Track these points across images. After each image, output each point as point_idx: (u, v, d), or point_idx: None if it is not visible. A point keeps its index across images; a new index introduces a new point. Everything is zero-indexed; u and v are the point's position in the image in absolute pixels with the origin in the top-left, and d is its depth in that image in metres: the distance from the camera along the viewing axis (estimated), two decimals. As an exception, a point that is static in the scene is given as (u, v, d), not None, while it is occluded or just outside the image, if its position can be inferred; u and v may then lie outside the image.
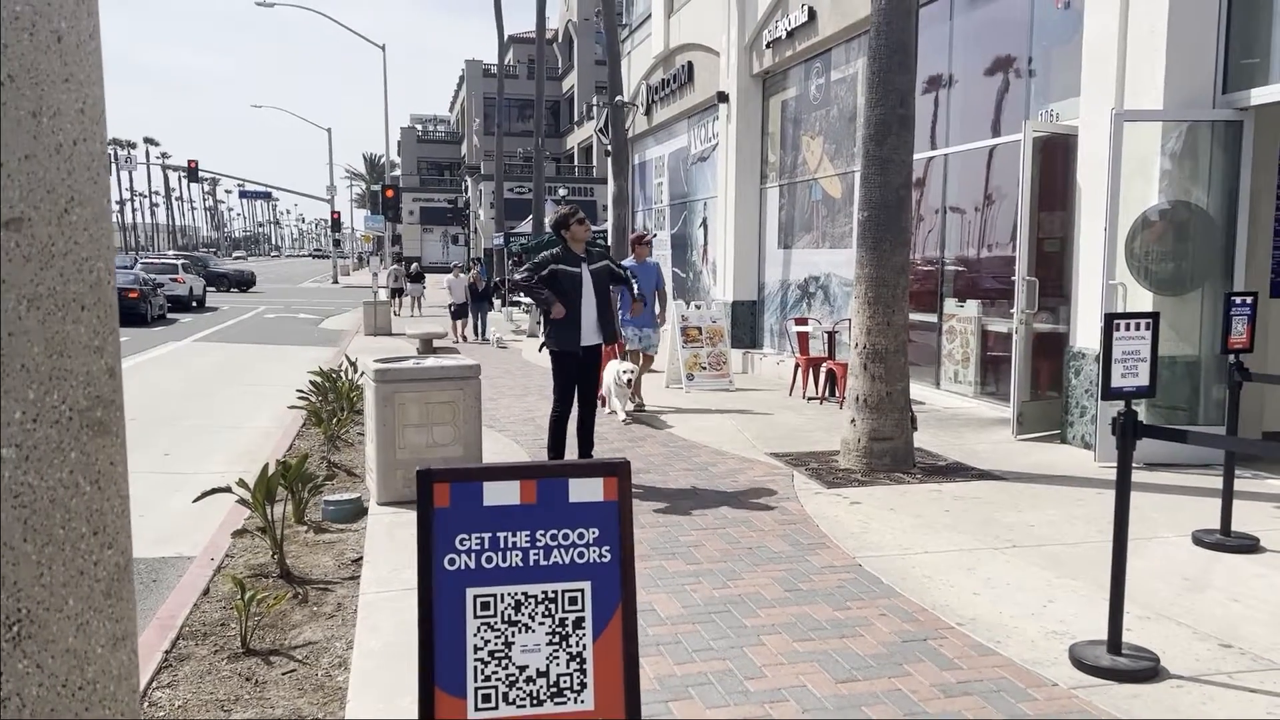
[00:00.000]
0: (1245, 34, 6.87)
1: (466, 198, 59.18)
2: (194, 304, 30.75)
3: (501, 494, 2.11)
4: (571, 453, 6.99)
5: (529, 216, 33.82)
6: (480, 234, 48.36)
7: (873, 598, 4.43)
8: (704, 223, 17.06)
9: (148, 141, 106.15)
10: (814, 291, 13.17)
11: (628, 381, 9.05)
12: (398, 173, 71.24)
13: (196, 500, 5.16)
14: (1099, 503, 6.02)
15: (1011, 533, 5.44)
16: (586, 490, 2.15)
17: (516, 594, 2.09)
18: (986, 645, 3.87)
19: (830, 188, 12.68)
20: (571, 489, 2.15)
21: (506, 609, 2.08)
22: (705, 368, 11.71)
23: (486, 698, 2.05)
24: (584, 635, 2.11)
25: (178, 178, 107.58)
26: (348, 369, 9.92)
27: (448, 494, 2.09)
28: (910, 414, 7.17)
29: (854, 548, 5.18)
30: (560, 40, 57.23)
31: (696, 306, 12.23)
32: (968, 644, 3.89)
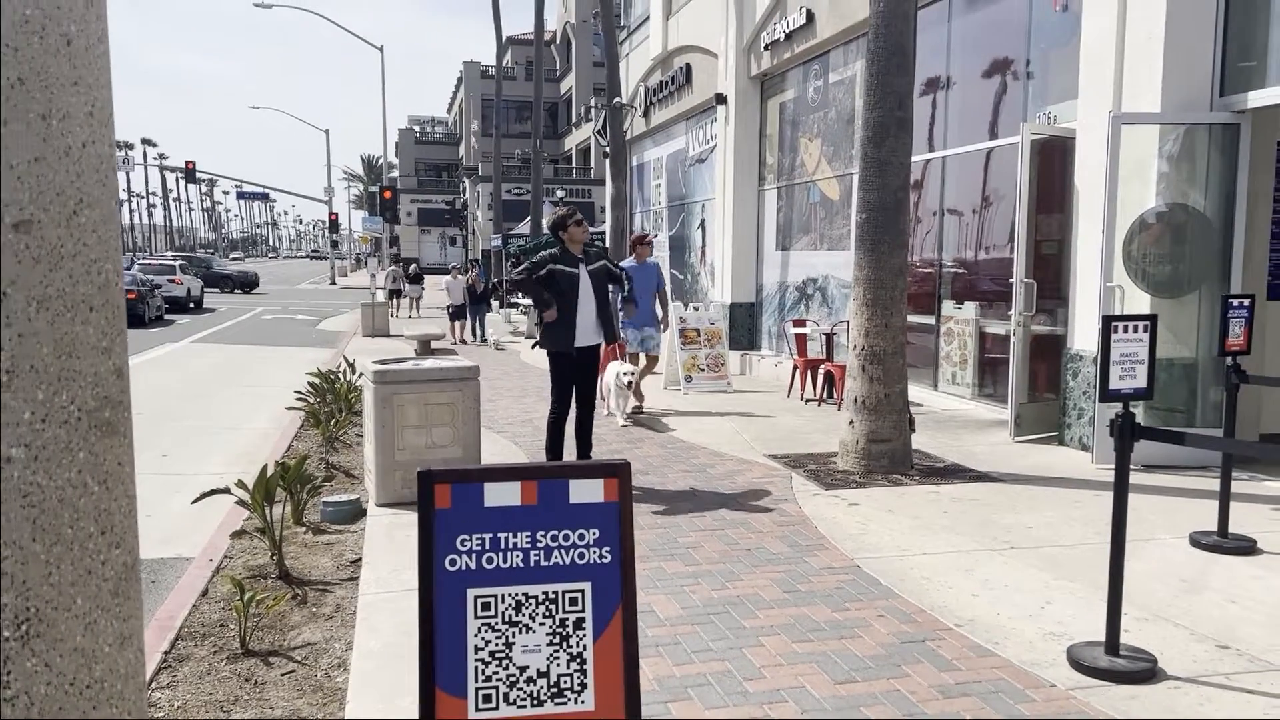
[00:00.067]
0: (1242, 37, 6.89)
1: (464, 199, 59.17)
2: (191, 305, 30.74)
3: (502, 495, 2.12)
4: (570, 454, 7.00)
5: (527, 218, 33.83)
6: (478, 235, 48.36)
7: (871, 599, 4.44)
8: (702, 224, 17.07)
9: (145, 143, 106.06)
10: (812, 293, 13.19)
11: (628, 384, 8.97)
12: (395, 174, 71.21)
13: (195, 501, 5.17)
14: (1096, 504, 6.03)
15: (1009, 534, 5.45)
16: (587, 491, 2.16)
17: (517, 594, 2.10)
18: (985, 646, 3.88)
19: (828, 190, 12.69)
20: (572, 490, 2.15)
21: (507, 609, 2.09)
22: (703, 369, 11.72)
23: (487, 698, 2.06)
24: (584, 636, 2.12)
25: (175, 179, 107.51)
26: (346, 370, 9.92)
27: (449, 495, 2.10)
28: (908, 416, 7.18)
29: (852, 549, 5.19)
30: (558, 42, 57.26)
31: (694, 308, 12.24)
32: (966, 645, 3.90)
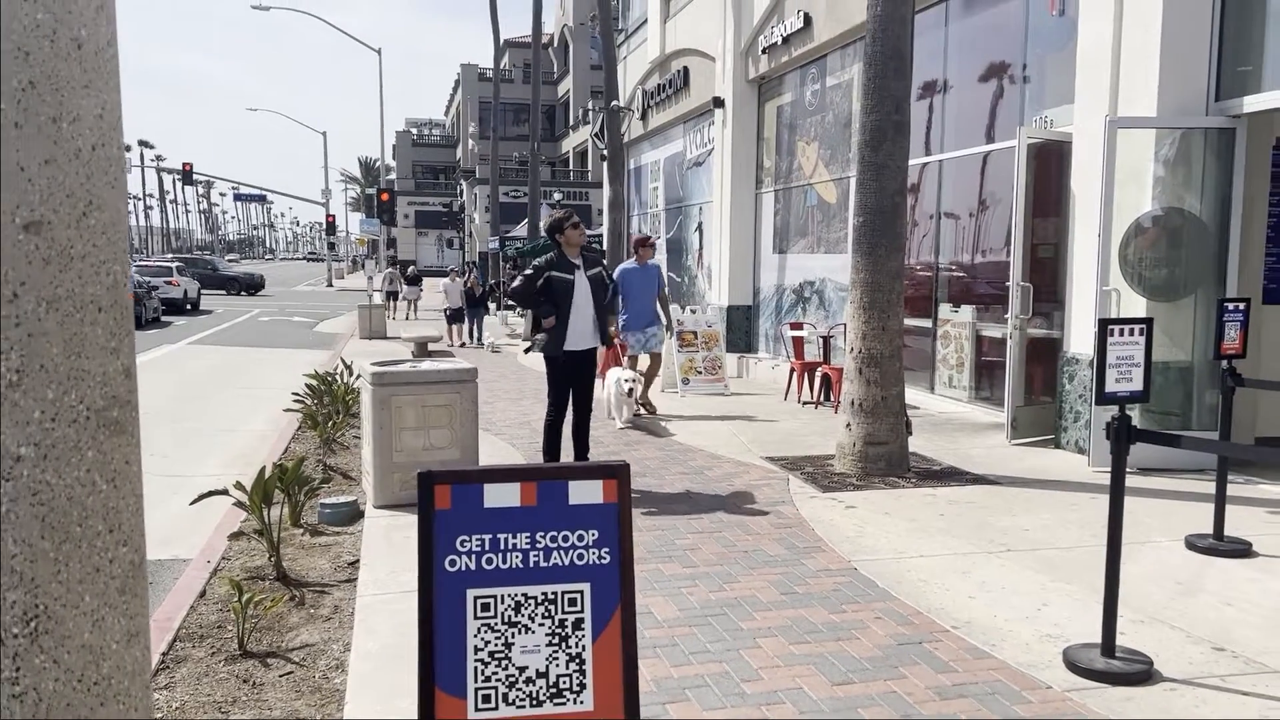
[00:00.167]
0: (1238, 42, 6.92)
1: (461, 201, 59.15)
2: (188, 307, 30.70)
3: (502, 496, 2.13)
4: (567, 456, 7.01)
5: (524, 220, 33.86)
6: (475, 238, 48.35)
7: (868, 601, 4.45)
8: (699, 227, 17.08)
9: (142, 144, 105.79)
10: (809, 296, 13.21)
11: (629, 391, 8.91)
12: (393, 176, 71.16)
13: (193, 503, 5.17)
14: (1093, 507, 6.05)
15: (1006, 537, 5.47)
16: (586, 492, 2.17)
17: (516, 595, 2.11)
18: (981, 648, 3.90)
19: (825, 193, 12.72)
20: (571, 491, 2.16)
21: (507, 610, 2.10)
22: (700, 372, 11.73)
23: (486, 698, 2.07)
24: (583, 636, 2.13)
25: (172, 180, 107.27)
26: (343, 372, 9.91)
27: (449, 496, 2.11)
28: (905, 419, 7.20)
29: (849, 551, 5.20)
30: (556, 45, 57.32)
31: (692, 311, 12.25)
32: (963, 647, 3.91)
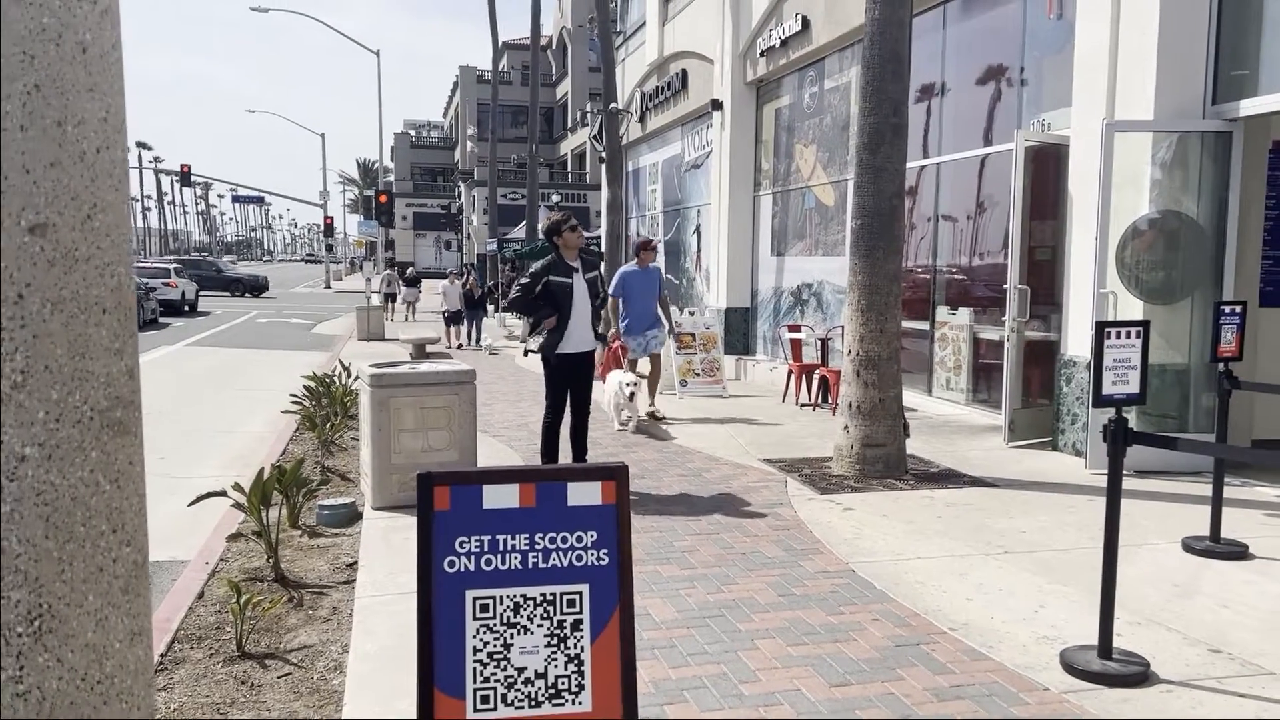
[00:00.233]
0: (1234, 46, 6.94)
1: (460, 203, 59.15)
2: (186, 308, 30.66)
3: (501, 497, 2.14)
4: (565, 458, 7.02)
5: (522, 222, 33.86)
6: (473, 240, 48.35)
7: (866, 603, 4.46)
8: (697, 229, 17.11)
9: (141, 145, 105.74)
10: (807, 299, 13.23)
11: (630, 395, 8.86)
12: (391, 178, 71.15)
13: (192, 504, 5.17)
14: (1090, 509, 6.06)
15: (1003, 539, 5.48)
16: (585, 494, 2.18)
17: (515, 596, 2.11)
18: (978, 650, 3.91)
19: (823, 195, 12.74)
20: (570, 492, 2.17)
21: (505, 611, 2.10)
22: (698, 374, 11.74)
23: (485, 699, 2.08)
24: (582, 637, 2.14)
25: (170, 182, 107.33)
26: (341, 374, 9.91)
27: (448, 497, 2.12)
28: (903, 421, 7.21)
29: (847, 553, 5.21)
30: (554, 47, 57.35)
31: (690, 313, 12.26)
32: (960, 649, 3.92)
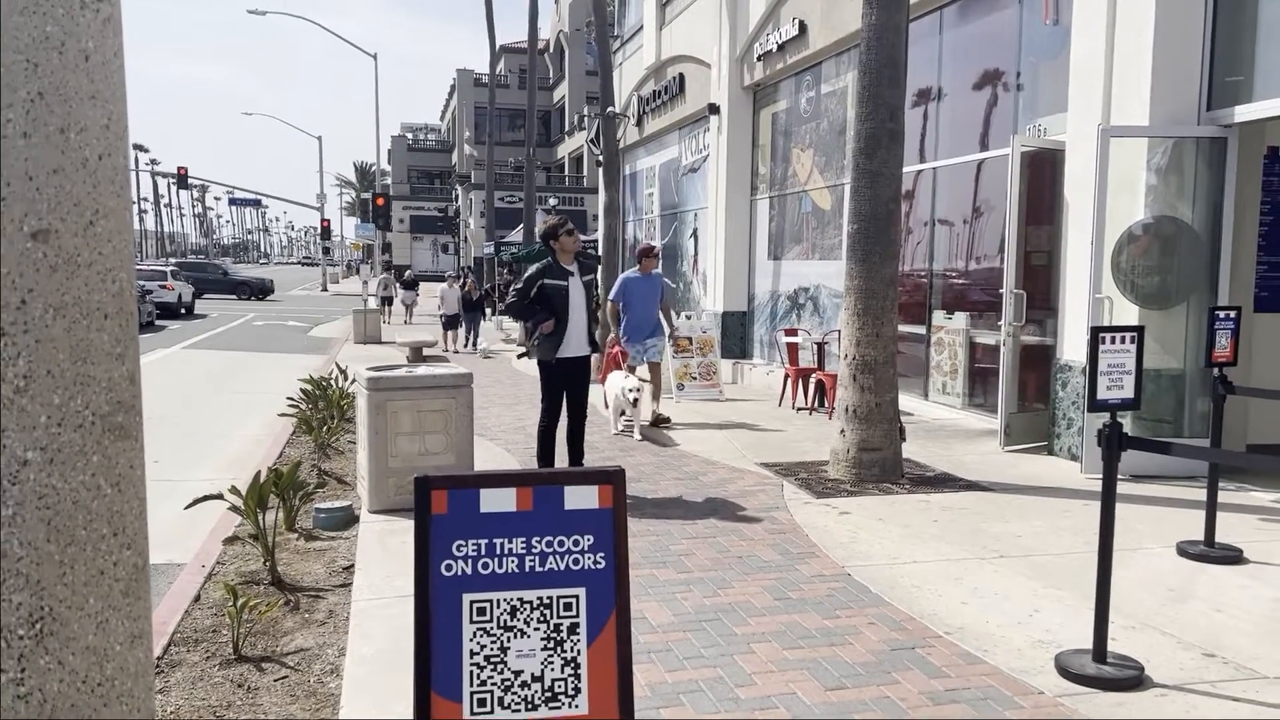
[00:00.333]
0: (1229, 52, 6.97)
1: (457, 206, 59.11)
2: (182, 311, 30.64)
3: (498, 501, 2.15)
4: (562, 462, 7.03)
5: (519, 225, 33.86)
6: (470, 243, 48.32)
7: (861, 606, 4.47)
8: (694, 233, 17.12)
9: (137, 148, 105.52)
10: (803, 303, 13.24)
11: (633, 401, 8.84)
12: (388, 181, 71.12)
13: (188, 507, 5.17)
14: (1085, 514, 6.08)
15: (999, 543, 5.49)
16: (581, 498, 2.19)
17: (512, 599, 2.12)
18: (974, 654, 3.92)
19: (820, 200, 12.76)
20: (567, 496, 2.18)
21: (502, 614, 2.11)
22: (695, 378, 11.76)
23: (482, 702, 2.08)
24: (579, 641, 2.15)
25: (167, 184, 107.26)
26: (338, 377, 9.90)
27: (445, 501, 2.13)
28: (899, 425, 7.23)
29: (843, 557, 5.22)
30: (552, 50, 57.35)
31: (687, 317, 12.27)
32: (955, 652, 3.93)
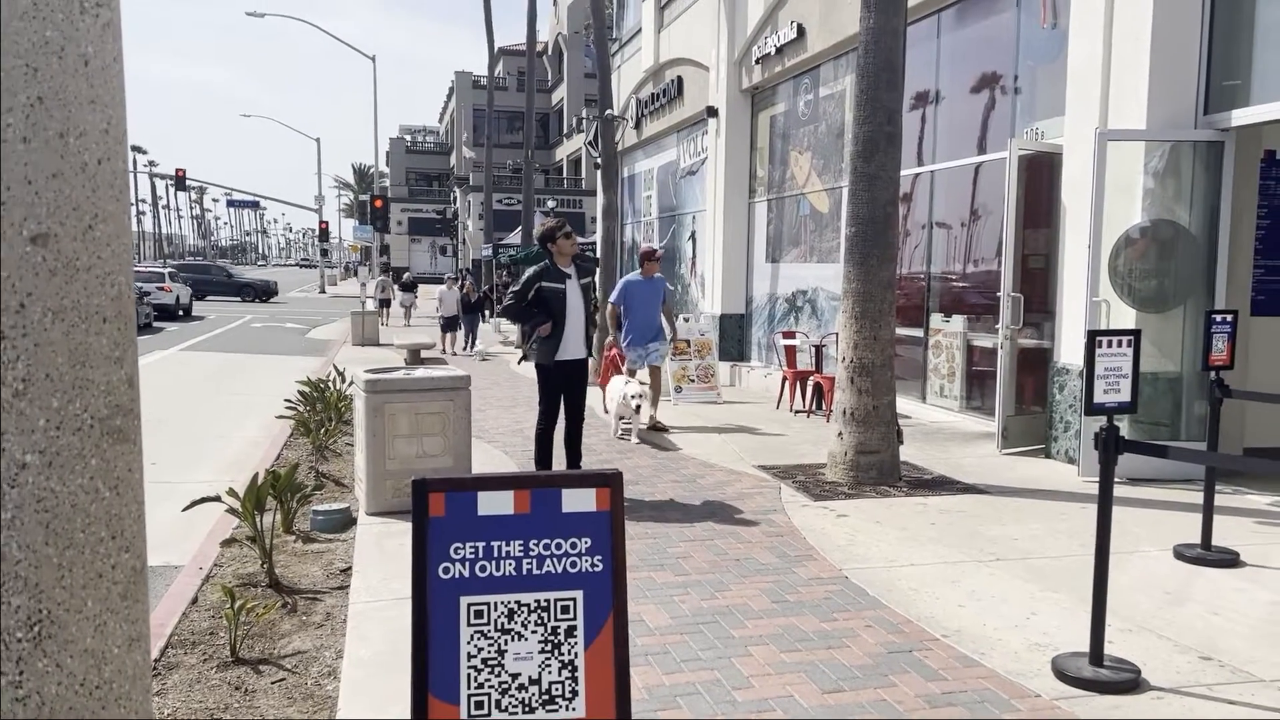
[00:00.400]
0: (1226, 57, 6.99)
1: (455, 209, 59.12)
2: (180, 313, 30.61)
3: (496, 504, 2.15)
4: (559, 465, 7.03)
5: (518, 228, 33.84)
6: (468, 245, 48.31)
7: (859, 609, 4.47)
8: (692, 236, 17.14)
9: (135, 149, 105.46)
10: (801, 305, 13.25)
11: (636, 408, 8.81)
12: (386, 183, 71.14)
13: (186, 509, 5.17)
14: (1082, 517, 6.08)
15: (996, 546, 5.50)
16: (579, 500, 2.19)
17: (510, 602, 2.12)
18: (971, 656, 3.92)
19: (818, 203, 12.77)
20: (564, 499, 2.18)
21: (500, 617, 2.11)
22: (693, 380, 11.76)
23: (480, 704, 2.08)
24: (576, 644, 2.15)
25: (165, 186, 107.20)
26: (336, 379, 9.90)
27: (443, 503, 2.13)
28: (896, 428, 7.23)
29: (840, 560, 5.23)
30: (550, 53, 57.37)
31: (685, 319, 12.28)
32: (952, 655, 3.94)
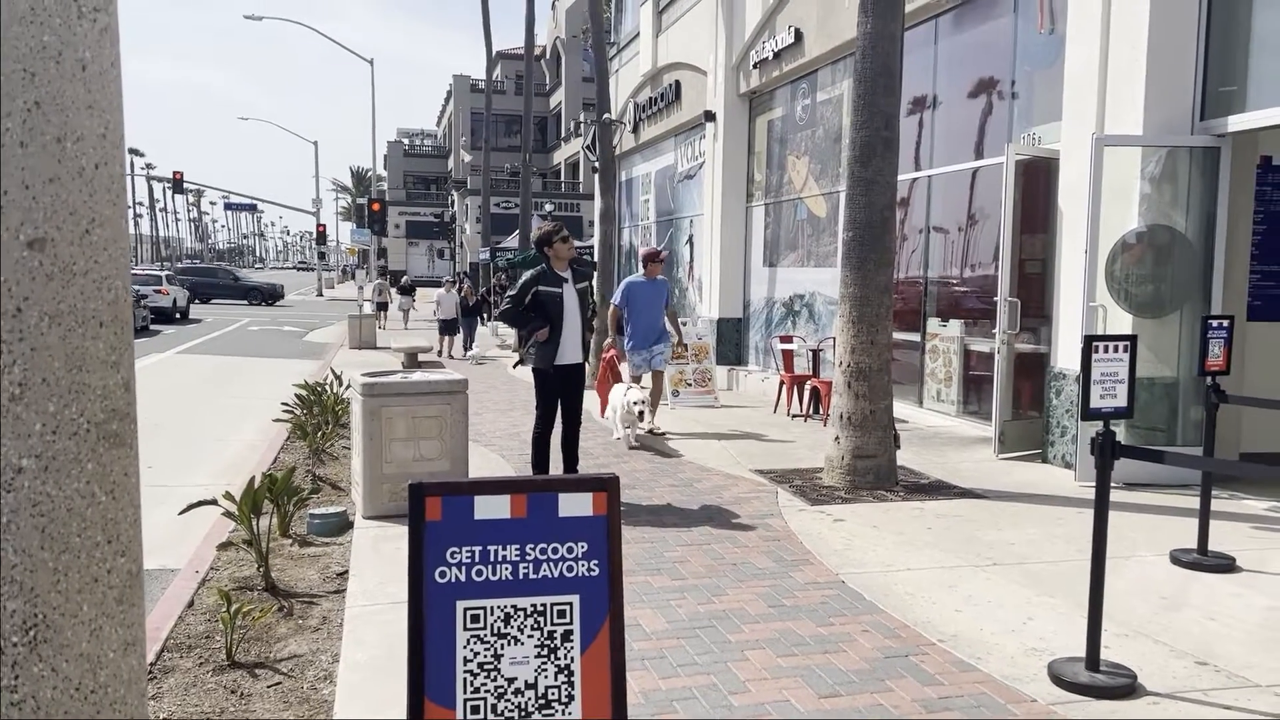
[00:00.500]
0: (1223, 63, 7.01)
1: (453, 212, 59.14)
2: (177, 316, 30.58)
3: (492, 508, 2.15)
4: (556, 468, 7.02)
5: (515, 231, 33.86)
6: (466, 248, 48.33)
7: (855, 614, 4.47)
8: (690, 240, 17.14)
9: (133, 152, 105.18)
10: (799, 310, 13.26)
11: (640, 414, 8.77)
12: (384, 186, 71.12)
13: (182, 513, 5.16)
14: (1079, 522, 6.09)
15: (992, 551, 5.50)
16: (576, 505, 2.19)
17: (506, 607, 2.12)
18: (967, 661, 3.92)
19: (815, 207, 12.79)
20: (561, 503, 2.18)
21: (496, 621, 2.11)
22: (690, 384, 11.76)
23: (476, 709, 2.08)
24: (572, 648, 2.15)
25: (163, 189, 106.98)
26: (333, 382, 9.90)
27: (439, 508, 2.13)
28: (893, 432, 7.24)
29: (837, 564, 5.23)
30: (548, 57, 57.43)
31: (682, 323, 12.27)
32: (949, 660, 3.94)
